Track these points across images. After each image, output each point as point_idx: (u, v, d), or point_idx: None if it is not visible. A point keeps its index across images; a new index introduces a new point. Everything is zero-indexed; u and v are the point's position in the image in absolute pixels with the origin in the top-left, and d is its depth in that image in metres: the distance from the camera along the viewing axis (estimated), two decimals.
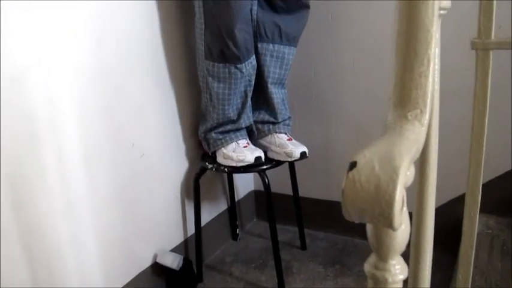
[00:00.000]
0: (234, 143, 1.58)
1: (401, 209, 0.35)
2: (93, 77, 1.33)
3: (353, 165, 0.37)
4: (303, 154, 1.58)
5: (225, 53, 1.46)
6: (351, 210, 0.37)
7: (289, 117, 1.70)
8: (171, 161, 1.69)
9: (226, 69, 1.49)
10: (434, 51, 0.44)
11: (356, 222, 0.38)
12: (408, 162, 0.37)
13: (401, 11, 0.46)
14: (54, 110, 1.22)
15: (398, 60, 0.44)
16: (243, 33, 1.44)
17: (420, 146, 0.42)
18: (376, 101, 1.83)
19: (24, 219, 1.16)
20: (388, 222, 0.35)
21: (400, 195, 0.34)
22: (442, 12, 0.56)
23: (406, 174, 0.36)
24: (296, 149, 1.58)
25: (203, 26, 1.47)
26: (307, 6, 1.58)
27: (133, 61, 1.47)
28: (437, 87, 0.57)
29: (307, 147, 1.61)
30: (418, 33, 0.44)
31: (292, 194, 1.91)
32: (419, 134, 0.43)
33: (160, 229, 1.66)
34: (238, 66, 1.49)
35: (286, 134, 1.67)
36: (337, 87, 1.92)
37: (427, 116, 0.43)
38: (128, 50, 1.45)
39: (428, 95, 0.43)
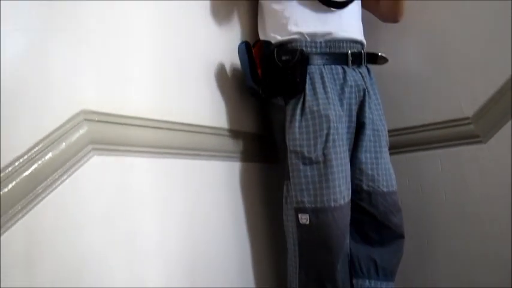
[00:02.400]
0: None
1: None
2: (183, 270, 1.31)
3: None
4: None
5: None
6: None
7: None
8: None
9: None
10: None
11: None
12: None
13: None
14: None
15: None
16: (342, 274, 1.40)
17: None
18: None
19: None
20: None
21: None
22: None
23: None
24: None
25: (297, 265, 1.42)
26: (401, 236, 1.52)
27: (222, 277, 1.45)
28: None
29: None
30: None
31: None
32: None
33: None
34: None
35: None
36: None
37: None
38: (218, 271, 1.43)
39: None
